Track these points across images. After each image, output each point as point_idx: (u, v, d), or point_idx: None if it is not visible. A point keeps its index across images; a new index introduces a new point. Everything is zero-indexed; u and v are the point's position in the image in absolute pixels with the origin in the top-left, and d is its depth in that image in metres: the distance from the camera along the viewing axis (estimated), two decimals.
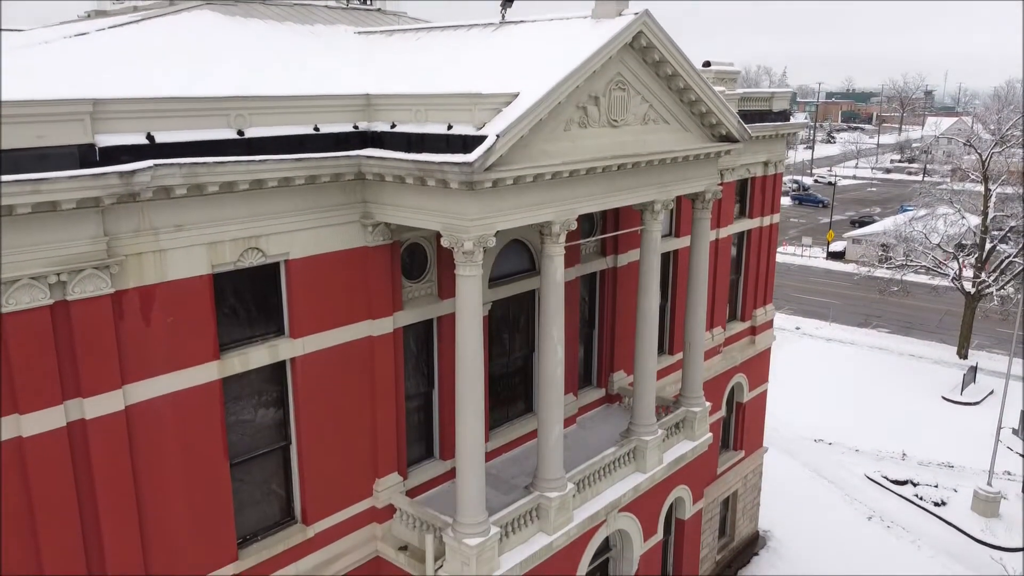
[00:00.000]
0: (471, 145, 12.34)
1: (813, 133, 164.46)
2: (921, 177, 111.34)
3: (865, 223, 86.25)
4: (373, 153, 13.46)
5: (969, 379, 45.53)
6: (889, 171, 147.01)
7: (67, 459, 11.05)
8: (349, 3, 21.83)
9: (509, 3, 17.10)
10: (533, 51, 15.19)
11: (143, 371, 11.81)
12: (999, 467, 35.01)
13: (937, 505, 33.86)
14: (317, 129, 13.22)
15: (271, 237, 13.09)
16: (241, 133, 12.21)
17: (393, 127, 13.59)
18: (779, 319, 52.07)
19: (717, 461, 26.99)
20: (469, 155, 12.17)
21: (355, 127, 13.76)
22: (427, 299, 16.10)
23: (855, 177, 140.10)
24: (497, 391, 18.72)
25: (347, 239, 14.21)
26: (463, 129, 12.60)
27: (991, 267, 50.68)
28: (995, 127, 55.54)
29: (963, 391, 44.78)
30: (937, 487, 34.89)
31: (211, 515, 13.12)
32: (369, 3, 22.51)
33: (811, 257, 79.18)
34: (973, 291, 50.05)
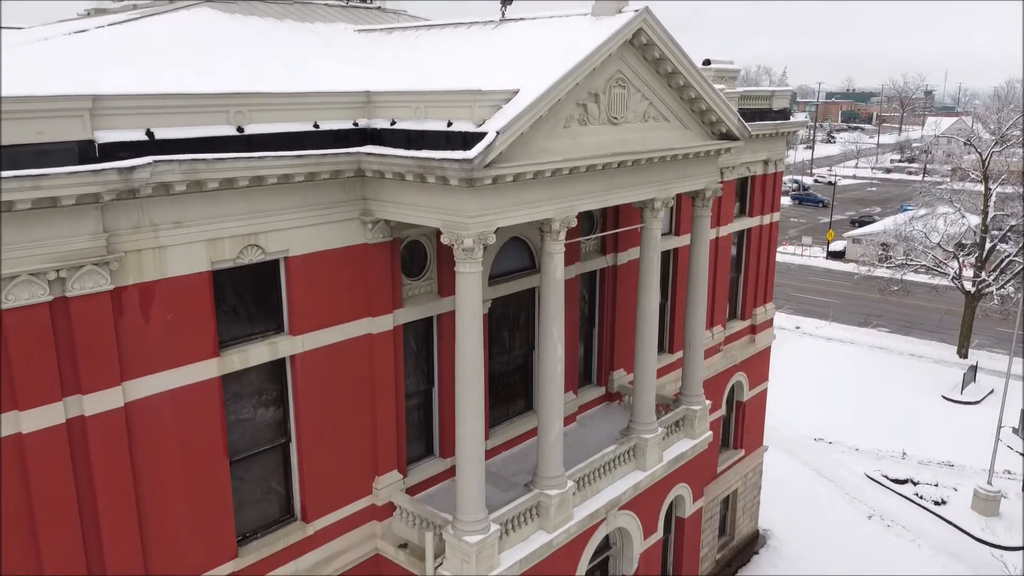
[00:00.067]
0: (471, 142, 12.33)
1: (813, 133, 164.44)
2: (921, 177, 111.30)
3: (865, 223, 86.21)
4: (373, 150, 13.45)
5: (969, 378, 45.52)
6: (889, 171, 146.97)
7: (66, 456, 11.04)
8: (349, 1, 21.81)
9: (509, 1, 17.09)
10: (533, 48, 15.18)
11: (143, 368, 11.79)
12: (999, 466, 34.99)
13: (937, 504, 33.84)
14: (317, 126, 13.21)
15: (271, 234, 13.08)
16: (241, 130, 12.19)
17: (393, 124, 13.58)
18: (779, 318, 52.07)
19: (717, 460, 26.98)
20: (469, 152, 12.15)
21: (355, 124, 13.75)
22: (427, 297, 16.09)
23: (855, 177, 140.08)
24: (497, 389, 18.71)
25: (347, 236, 14.20)
26: (463, 126, 12.59)
27: (991, 266, 50.67)
28: (995, 127, 55.54)
29: (963, 390, 44.76)
30: (937, 486, 34.88)
31: (211, 512, 13.11)
32: (369, 1, 22.50)
33: (811, 257, 79.16)
34: (973, 290, 50.04)
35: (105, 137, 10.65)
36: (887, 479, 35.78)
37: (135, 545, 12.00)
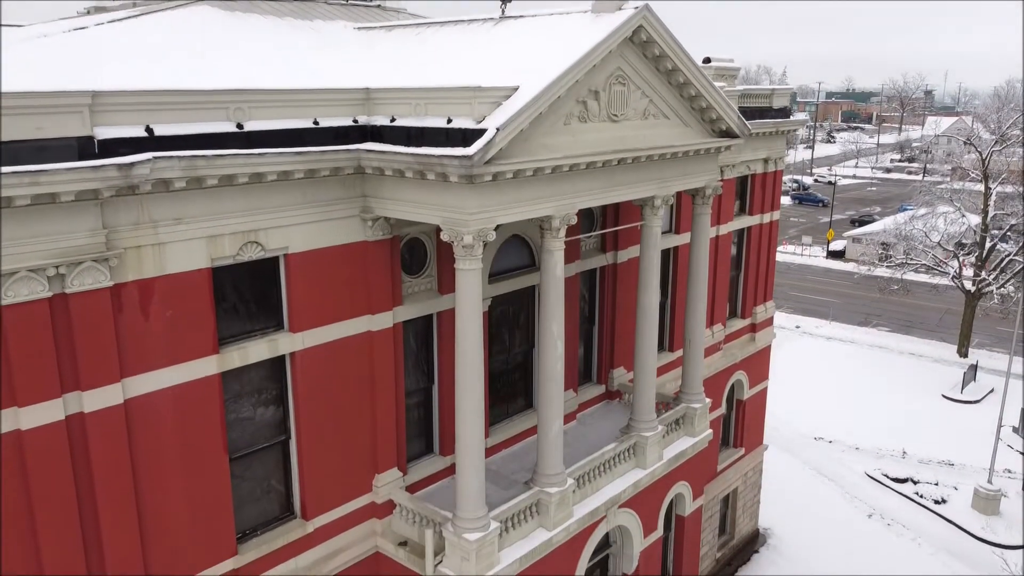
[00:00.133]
0: (471, 139, 12.31)
1: (813, 133, 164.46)
2: (921, 176, 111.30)
3: (865, 222, 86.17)
4: (373, 147, 13.43)
5: (969, 377, 45.50)
6: (889, 171, 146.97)
7: (66, 452, 11.02)
8: None
9: None
10: (533, 45, 15.17)
11: (142, 365, 11.78)
12: (999, 465, 34.98)
13: (937, 503, 33.82)
14: (316, 123, 13.19)
15: (270, 231, 13.06)
16: (240, 126, 12.18)
17: (393, 121, 13.56)
18: (779, 318, 52.05)
19: (717, 458, 26.96)
20: (469, 148, 12.14)
21: (355, 121, 13.73)
22: (427, 294, 16.08)
23: (855, 177, 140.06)
24: (497, 387, 18.69)
25: (347, 233, 14.18)
26: (463, 123, 12.57)
27: (991, 265, 50.66)
28: (995, 126, 55.53)
29: (963, 389, 44.74)
30: (937, 485, 34.85)
31: (210, 509, 13.09)
32: None
33: (811, 256, 79.14)
34: (973, 289, 50.02)
35: (105, 133, 10.63)
36: (887, 478, 35.75)
37: (134, 542, 11.98)
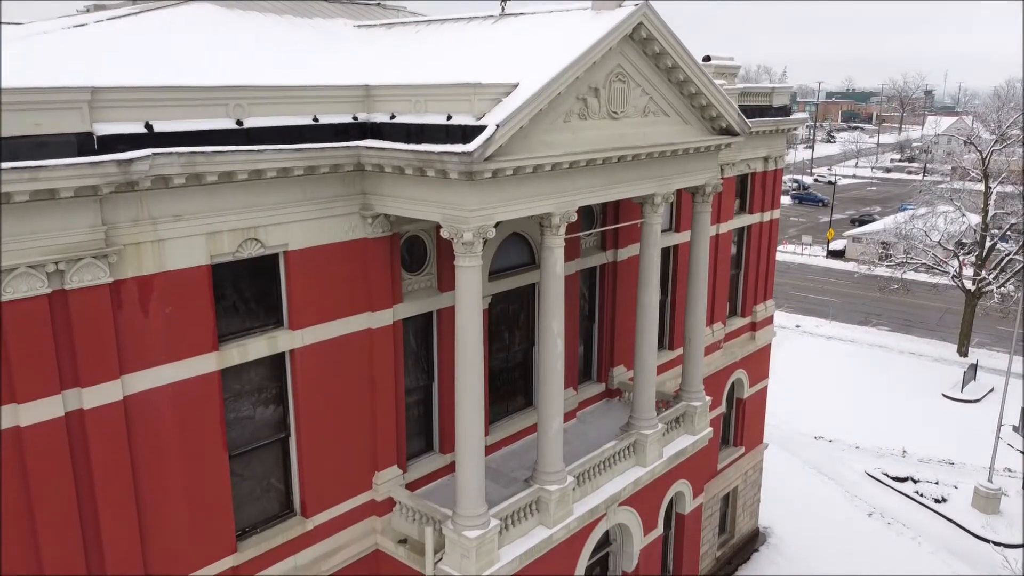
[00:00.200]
0: (470, 135, 12.30)
1: (813, 132, 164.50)
2: (921, 176, 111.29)
3: (865, 222, 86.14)
4: (372, 144, 13.42)
5: (969, 376, 45.49)
6: (889, 170, 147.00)
7: (65, 449, 11.00)
8: None
9: None
10: (533, 42, 15.16)
11: (142, 361, 11.76)
12: (1000, 464, 34.94)
13: (938, 502, 33.80)
14: (316, 120, 13.18)
15: (270, 228, 13.04)
16: (240, 123, 12.16)
17: (392, 118, 13.55)
18: (779, 317, 52.00)
19: (717, 457, 26.94)
20: (468, 145, 12.13)
21: (354, 118, 13.72)
22: (427, 292, 16.06)
23: (855, 176, 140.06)
24: (497, 386, 18.67)
25: (346, 231, 14.17)
26: (462, 119, 12.56)
27: (991, 265, 50.65)
28: (995, 125, 55.51)
29: (963, 388, 44.73)
30: (938, 484, 34.84)
31: (210, 507, 13.07)
32: None
33: (811, 256, 79.13)
34: (973, 289, 50.01)
35: (104, 129, 10.61)
36: (887, 477, 35.74)
37: (134, 539, 11.96)
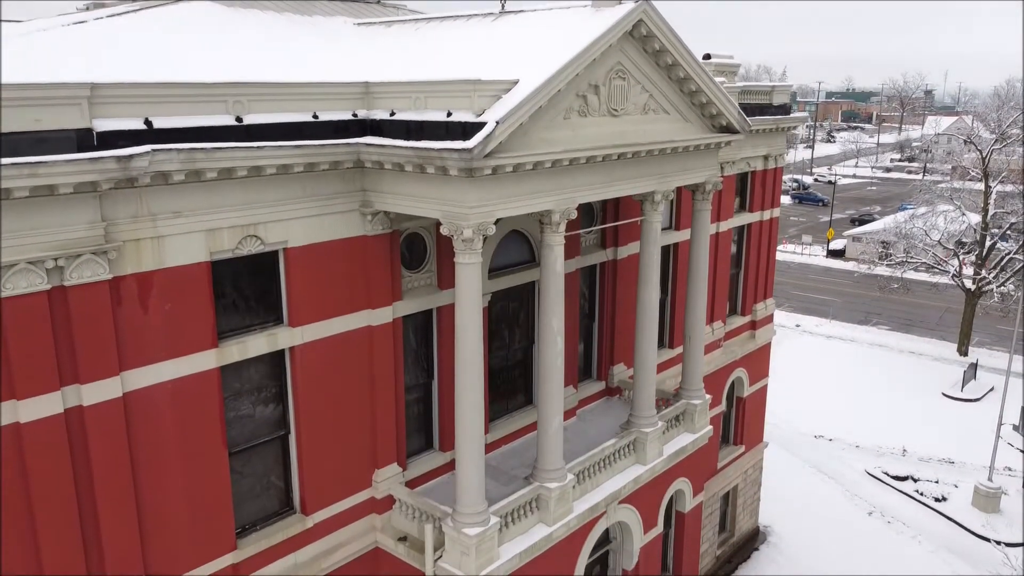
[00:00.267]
0: (470, 132, 12.29)
1: (813, 132, 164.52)
2: (921, 176, 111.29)
3: (865, 221, 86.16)
4: (372, 141, 13.40)
5: (969, 376, 45.49)
6: (889, 170, 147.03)
7: (65, 445, 10.99)
8: None
9: None
10: (533, 39, 15.16)
11: (141, 358, 11.75)
12: (1000, 463, 34.94)
13: (938, 501, 33.80)
14: (316, 117, 13.17)
15: (270, 225, 13.03)
16: (240, 119, 12.15)
17: (392, 115, 13.53)
18: (779, 316, 52.01)
19: (717, 455, 26.94)
20: (468, 142, 12.11)
21: (354, 115, 13.70)
22: (426, 289, 16.05)
23: (855, 176, 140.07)
24: (497, 384, 18.66)
25: (346, 228, 14.15)
26: (462, 116, 12.55)
27: (991, 264, 50.65)
28: (995, 125, 55.51)
29: (963, 388, 44.72)
30: (938, 483, 34.85)
31: (210, 504, 13.06)
32: None
33: (811, 255, 79.13)
34: (973, 288, 50.01)
35: (103, 126, 10.60)
36: (887, 476, 35.74)
37: (133, 536, 11.95)
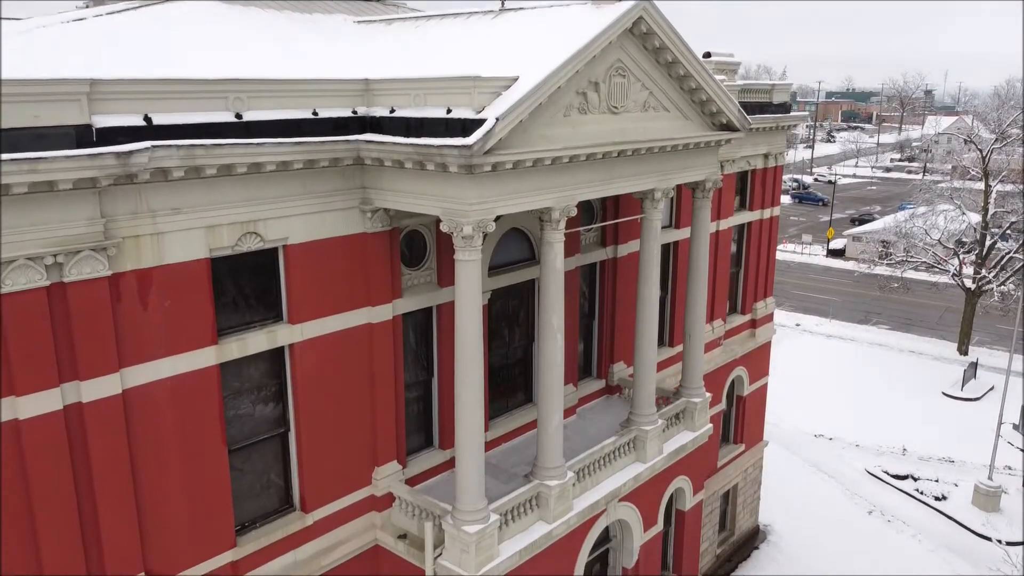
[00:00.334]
0: (470, 129, 12.28)
1: (813, 132, 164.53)
2: (921, 175, 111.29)
3: (865, 221, 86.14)
4: (372, 138, 13.39)
5: (969, 375, 45.46)
6: (889, 170, 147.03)
7: (64, 442, 10.98)
8: None
9: None
10: (533, 37, 15.14)
11: (140, 355, 11.74)
12: (1000, 462, 34.92)
13: (938, 499, 33.79)
14: (316, 113, 13.15)
15: (269, 222, 13.02)
16: (239, 116, 12.13)
17: (392, 112, 13.52)
18: (779, 316, 51.99)
19: (717, 453, 26.92)
20: (468, 138, 12.10)
21: (354, 112, 13.69)
22: (426, 287, 16.03)
23: (855, 176, 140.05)
24: (496, 382, 18.65)
25: (346, 225, 14.14)
26: (462, 113, 12.54)
27: (991, 263, 50.64)
28: (995, 124, 55.50)
29: (963, 387, 44.70)
30: (938, 482, 34.83)
31: (209, 501, 13.05)
32: None
33: (811, 255, 79.11)
34: (973, 287, 50.00)
35: (103, 122, 10.58)
36: (887, 475, 35.72)
37: (133, 533, 11.94)
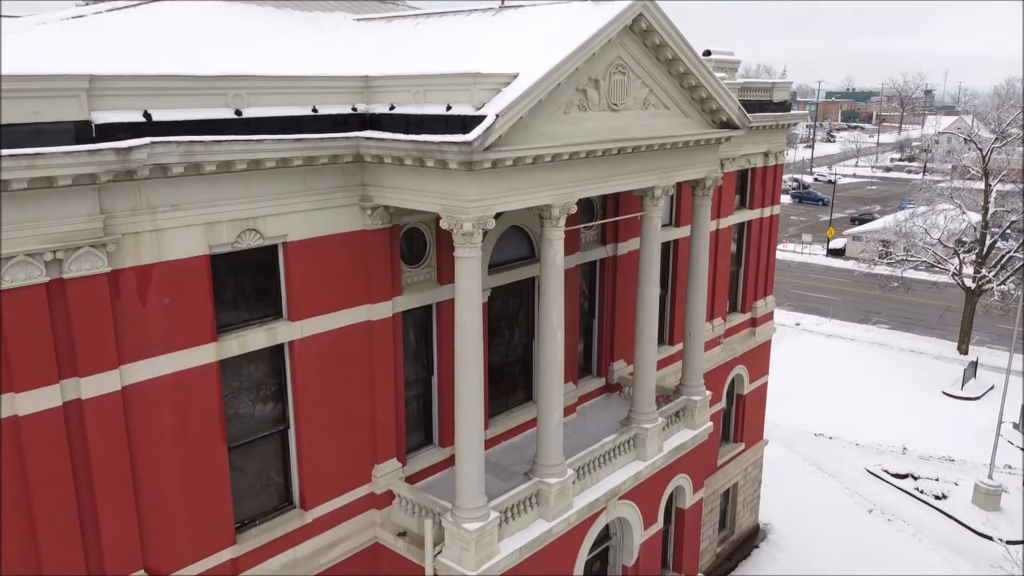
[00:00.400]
0: (470, 125, 12.26)
1: (813, 132, 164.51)
2: (921, 175, 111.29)
3: (865, 220, 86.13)
4: (372, 135, 13.37)
5: (969, 374, 45.46)
6: (889, 169, 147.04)
7: (63, 439, 10.95)
8: None
9: None
10: (533, 34, 15.12)
11: (140, 352, 11.72)
12: (1000, 461, 34.94)
13: (938, 498, 33.79)
14: (315, 110, 13.14)
15: (269, 219, 13.00)
16: (239, 113, 12.12)
17: (392, 109, 13.51)
18: (779, 315, 51.97)
19: (717, 452, 26.91)
20: (468, 135, 12.09)
21: (354, 109, 13.68)
22: (426, 284, 16.02)
23: (855, 175, 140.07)
24: (496, 380, 18.63)
25: (346, 222, 14.12)
26: (462, 109, 12.52)
27: (991, 262, 50.63)
28: (995, 124, 55.49)
29: (963, 386, 44.70)
30: (938, 481, 34.84)
31: (209, 498, 13.03)
32: None
33: (811, 254, 79.11)
34: (973, 287, 49.99)
35: (102, 118, 10.57)
36: (887, 474, 35.73)
37: (132, 530, 11.92)
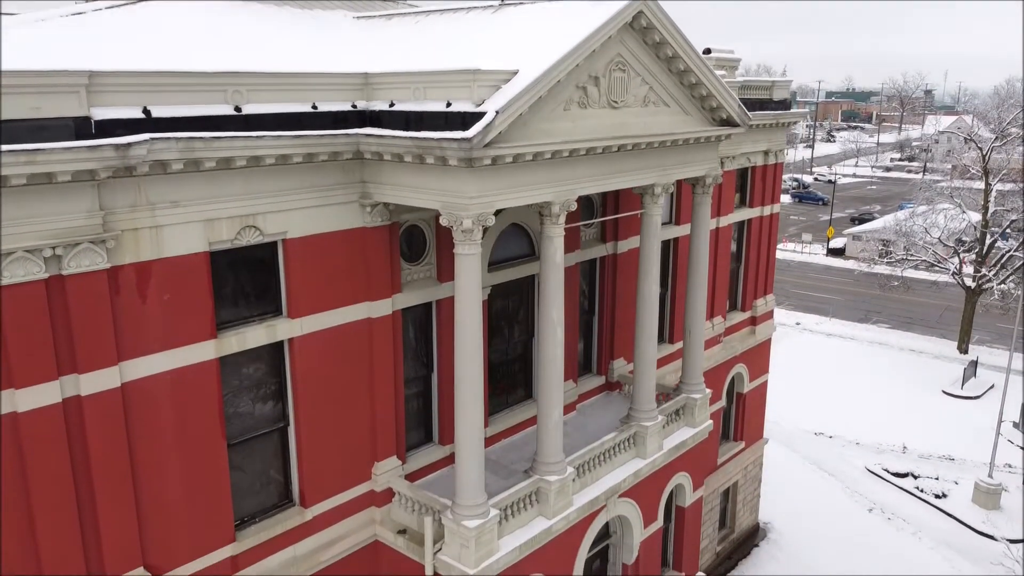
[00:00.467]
0: (470, 122, 12.25)
1: (813, 131, 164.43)
2: (921, 175, 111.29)
3: (865, 220, 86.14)
4: (371, 131, 13.35)
5: (969, 373, 45.47)
6: (889, 169, 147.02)
7: (63, 435, 10.94)
8: None
9: None
10: (533, 31, 15.11)
11: (139, 348, 11.71)
12: (1000, 460, 34.96)
13: (938, 497, 33.80)
14: (315, 107, 13.13)
15: (268, 216, 12.99)
16: (239, 109, 12.11)
17: (391, 106, 13.50)
18: (779, 315, 52.00)
19: (717, 450, 26.90)
20: (468, 132, 12.08)
21: (353, 106, 13.67)
22: (426, 282, 16.01)
23: (855, 175, 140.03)
24: (496, 378, 18.62)
25: (346, 219, 14.11)
26: (462, 106, 12.51)
27: (991, 262, 50.62)
28: (995, 123, 55.48)
29: (963, 385, 44.71)
30: (938, 479, 34.84)
31: (208, 495, 13.02)
32: None
33: (811, 254, 79.12)
34: (973, 286, 49.99)
35: (102, 114, 10.56)
36: (888, 473, 35.72)
37: (132, 527, 11.91)
